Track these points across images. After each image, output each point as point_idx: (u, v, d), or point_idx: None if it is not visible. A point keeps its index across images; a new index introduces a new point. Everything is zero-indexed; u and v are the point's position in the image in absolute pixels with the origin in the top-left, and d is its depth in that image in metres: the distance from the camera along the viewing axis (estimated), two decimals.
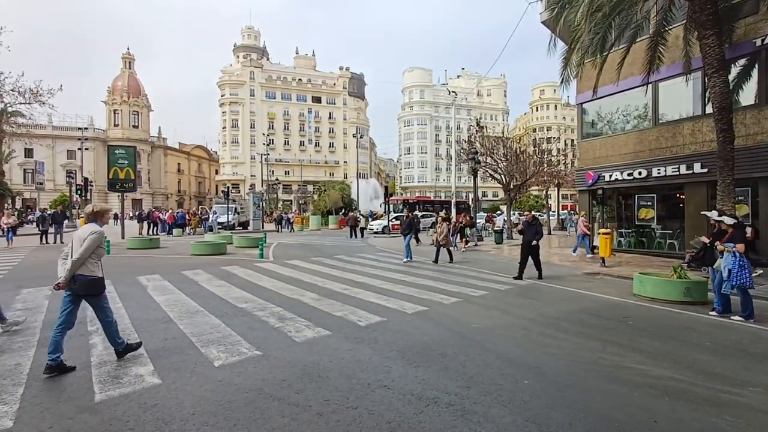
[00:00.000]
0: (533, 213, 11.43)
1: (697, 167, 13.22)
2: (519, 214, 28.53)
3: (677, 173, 13.84)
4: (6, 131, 33.28)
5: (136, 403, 3.48)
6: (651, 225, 15.26)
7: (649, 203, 15.28)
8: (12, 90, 24.36)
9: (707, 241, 7.16)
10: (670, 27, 11.84)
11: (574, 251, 15.03)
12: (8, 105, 26.79)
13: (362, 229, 26.38)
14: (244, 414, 3.29)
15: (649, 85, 13.45)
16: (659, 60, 11.85)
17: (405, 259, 13.21)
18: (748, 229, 10.76)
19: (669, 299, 7.52)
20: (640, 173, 14.98)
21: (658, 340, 5.39)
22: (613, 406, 3.48)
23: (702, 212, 9.53)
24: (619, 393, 3.75)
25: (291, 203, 69.13)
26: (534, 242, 10.07)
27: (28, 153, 55.00)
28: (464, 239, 17.46)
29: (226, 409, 3.38)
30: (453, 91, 35.63)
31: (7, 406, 3.40)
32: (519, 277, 9.93)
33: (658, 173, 14.40)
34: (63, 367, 4.11)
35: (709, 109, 12.10)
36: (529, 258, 10.12)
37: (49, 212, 21.93)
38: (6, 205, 28.74)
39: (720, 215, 7.14)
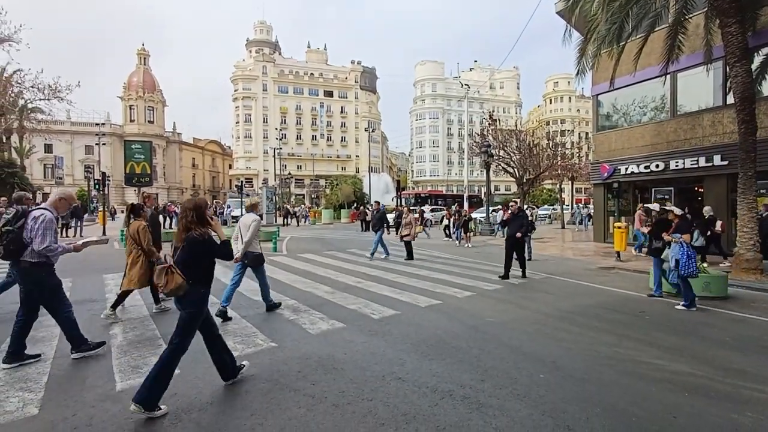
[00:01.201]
0: (519, 204, 10.40)
1: (717, 159, 12.91)
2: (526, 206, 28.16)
3: (696, 166, 13.54)
4: (26, 127, 34.06)
5: None
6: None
7: (666, 197, 14.98)
8: (32, 86, 24.84)
9: (645, 230, 7.27)
10: (691, 15, 11.50)
11: (639, 250, 13.10)
12: (28, 101, 27.36)
13: (369, 222, 26.42)
14: (261, 404, 3.34)
15: (668, 76, 13.11)
16: (678, 50, 11.52)
17: (384, 255, 12.48)
18: (718, 223, 11.05)
19: None
20: (657, 166, 14.69)
21: (675, 335, 5.31)
22: (630, 400, 3.45)
23: (645, 204, 9.48)
24: (637, 388, 3.70)
25: (303, 197, 69.50)
26: (519, 235, 9.02)
27: (48, 148, 56.22)
28: (468, 234, 17.08)
29: (243, 399, 3.44)
30: (465, 84, 35.34)
31: (32, 394, 3.50)
32: (505, 276, 9.00)
33: (676, 166, 14.10)
34: (226, 315, 5.73)
35: (730, 100, 11.81)
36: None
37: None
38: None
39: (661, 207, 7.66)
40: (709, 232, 10.71)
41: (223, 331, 5.18)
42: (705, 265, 8.54)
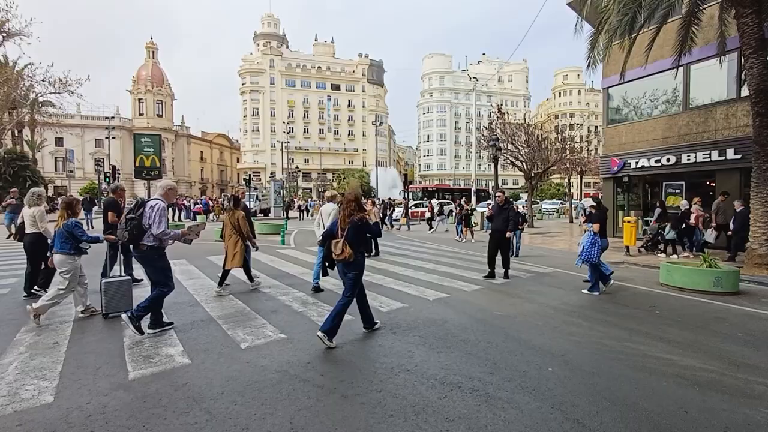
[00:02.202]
0: (505, 194, 9.36)
1: (730, 153, 12.71)
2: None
3: (708, 160, 13.34)
4: (38, 120, 34.42)
5: (168, 381, 3.61)
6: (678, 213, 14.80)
7: (677, 191, 14.80)
8: (42, 80, 25.06)
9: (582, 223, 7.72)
10: (705, 6, 11.26)
11: (697, 249, 11.49)
12: (39, 95, 27.60)
13: None
14: (271, 394, 3.37)
15: (680, 68, 12.89)
16: (692, 41, 11.31)
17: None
18: (692, 216, 11.60)
19: (698, 289, 7.32)
20: (668, 160, 14.50)
21: (686, 329, 5.26)
22: (640, 395, 3.43)
23: (585, 199, 9.72)
24: (647, 382, 3.68)
25: (311, 191, 69.67)
26: (507, 234, 8.37)
27: (59, 142, 56.73)
28: (469, 228, 16.83)
29: (253, 389, 3.47)
30: (474, 77, 35.02)
31: (47, 382, 3.57)
32: (490, 275, 8.44)
33: (688, 160, 13.91)
34: (319, 288, 7.11)
35: (744, 92, 11.58)
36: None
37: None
38: None
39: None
40: (684, 225, 11.46)
41: (233, 323, 5.25)
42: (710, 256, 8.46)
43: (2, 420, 2.97)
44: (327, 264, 4.93)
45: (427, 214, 22.62)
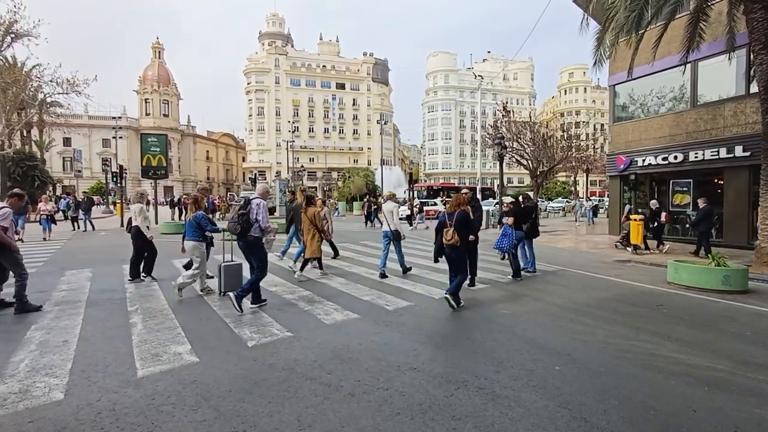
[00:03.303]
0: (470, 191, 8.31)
1: (738, 150, 12.59)
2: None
3: (716, 157, 13.23)
4: (46, 121, 34.72)
5: (176, 379, 3.64)
6: (686, 211, 14.69)
7: (684, 189, 14.69)
8: (50, 81, 25.22)
9: (508, 221, 8.58)
10: (713, 2, 11.18)
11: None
12: (47, 95, 27.81)
13: (370, 216, 26.39)
14: (278, 392, 3.39)
15: (688, 65, 12.78)
16: (700, 37, 11.20)
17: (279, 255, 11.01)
18: (663, 215, 12.80)
19: (706, 287, 7.26)
20: (675, 157, 14.39)
21: (694, 328, 5.23)
22: (648, 393, 3.41)
23: (504, 197, 10.49)
24: (655, 381, 3.66)
25: (316, 190, 69.77)
26: (471, 238, 6.36)
27: (66, 142, 57.22)
28: None
29: (260, 387, 3.49)
30: (479, 75, 34.89)
31: (57, 379, 3.61)
32: (470, 283, 7.36)
33: (696, 157, 13.80)
34: (384, 274, 8.14)
35: (753, 89, 11.48)
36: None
37: (80, 199, 22.63)
38: (48, 191, 30.05)
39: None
40: (656, 223, 12.52)
41: (239, 322, 5.28)
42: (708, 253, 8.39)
43: (14, 417, 3.01)
44: (437, 253, 6.17)
45: (407, 212, 24.00)
